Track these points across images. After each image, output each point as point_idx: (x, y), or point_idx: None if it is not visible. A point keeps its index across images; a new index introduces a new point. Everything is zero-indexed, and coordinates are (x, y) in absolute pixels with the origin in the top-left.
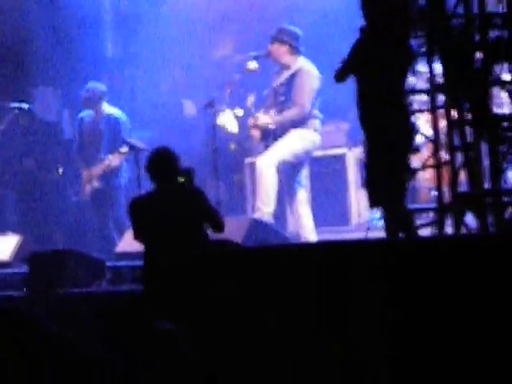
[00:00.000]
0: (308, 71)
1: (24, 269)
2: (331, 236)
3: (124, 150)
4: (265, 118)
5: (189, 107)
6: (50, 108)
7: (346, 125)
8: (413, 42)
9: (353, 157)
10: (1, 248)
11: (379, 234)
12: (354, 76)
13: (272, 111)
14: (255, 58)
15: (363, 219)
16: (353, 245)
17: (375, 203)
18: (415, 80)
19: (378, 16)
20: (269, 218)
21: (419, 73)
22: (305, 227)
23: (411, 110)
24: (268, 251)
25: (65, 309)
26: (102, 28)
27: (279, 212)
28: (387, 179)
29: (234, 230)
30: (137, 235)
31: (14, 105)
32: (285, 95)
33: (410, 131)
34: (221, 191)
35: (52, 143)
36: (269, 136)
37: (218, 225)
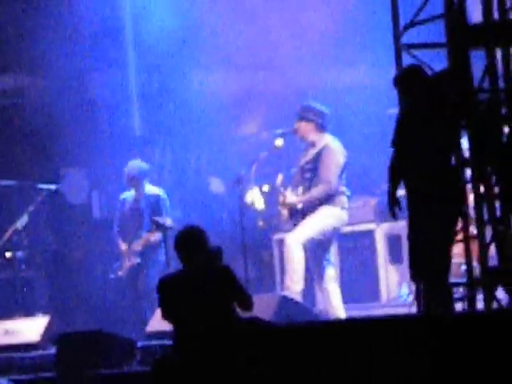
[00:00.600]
0: (334, 148)
1: (52, 350)
2: (361, 312)
3: (169, 223)
4: (292, 198)
5: (216, 184)
6: (80, 188)
7: (374, 200)
8: None
9: (381, 232)
10: (30, 329)
11: (410, 310)
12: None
13: (300, 189)
14: (282, 136)
15: (393, 295)
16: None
17: (417, 276)
18: None
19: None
20: (297, 297)
21: None
22: (333, 304)
23: None
24: (297, 329)
25: None
26: (130, 107)
27: (308, 289)
28: (431, 252)
29: (263, 308)
30: (165, 314)
31: (42, 186)
32: (311, 172)
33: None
34: (249, 269)
35: (80, 223)
36: (297, 214)
37: (247, 303)
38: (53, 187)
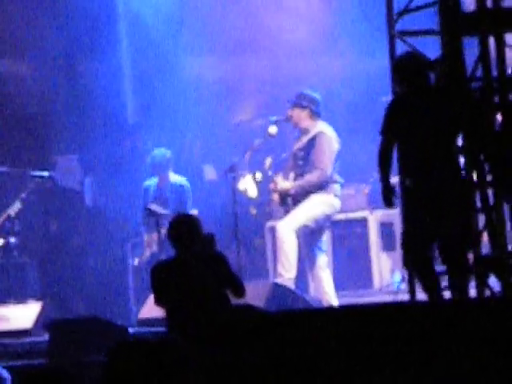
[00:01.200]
0: (327, 135)
1: (45, 337)
2: (354, 299)
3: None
4: (284, 184)
5: (209, 172)
6: (73, 175)
7: (367, 187)
8: None
9: (374, 220)
10: (22, 316)
11: (403, 297)
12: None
13: (291, 175)
14: (275, 123)
15: (385, 282)
16: (375, 308)
17: (408, 264)
18: None
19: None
20: (290, 284)
21: None
22: (325, 292)
23: None
24: (290, 316)
25: (89, 377)
26: (123, 94)
27: (300, 276)
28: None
29: (256, 295)
30: (158, 300)
31: (35, 173)
32: (303, 159)
33: None
34: (242, 256)
35: (73, 210)
36: (288, 200)
37: (240, 290)
38: (45, 174)
